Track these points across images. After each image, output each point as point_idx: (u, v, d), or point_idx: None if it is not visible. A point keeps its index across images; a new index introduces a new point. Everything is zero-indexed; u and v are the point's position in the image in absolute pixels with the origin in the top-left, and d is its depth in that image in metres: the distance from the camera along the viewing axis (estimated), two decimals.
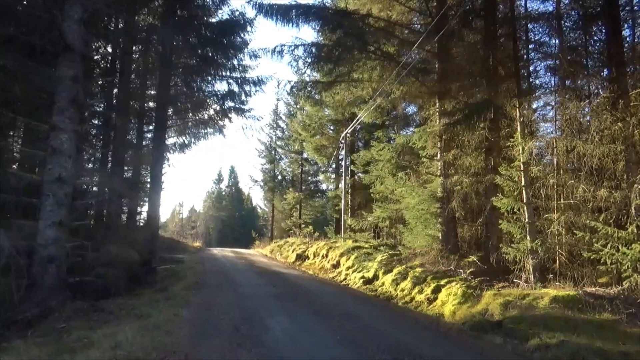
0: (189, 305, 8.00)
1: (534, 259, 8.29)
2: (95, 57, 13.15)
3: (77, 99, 7.41)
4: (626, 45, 10.66)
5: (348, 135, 21.96)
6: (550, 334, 5.50)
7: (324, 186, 32.29)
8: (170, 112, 15.31)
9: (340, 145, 23.90)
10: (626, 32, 11.10)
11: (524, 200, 8.69)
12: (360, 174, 22.88)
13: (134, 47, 13.85)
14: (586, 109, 9.33)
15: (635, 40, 11.60)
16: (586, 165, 8.39)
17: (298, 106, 29.23)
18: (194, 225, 60.75)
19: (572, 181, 8.51)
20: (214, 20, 14.49)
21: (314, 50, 12.85)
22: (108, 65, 14.17)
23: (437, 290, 8.77)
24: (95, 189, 12.67)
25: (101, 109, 13.55)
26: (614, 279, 7.34)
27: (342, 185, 22.73)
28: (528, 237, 8.44)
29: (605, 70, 11.01)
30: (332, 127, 26.15)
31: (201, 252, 24.97)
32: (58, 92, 7.30)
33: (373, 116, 17.21)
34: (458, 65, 11.75)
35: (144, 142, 16.56)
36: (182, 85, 15.08)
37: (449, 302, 8.10)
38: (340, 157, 25.66)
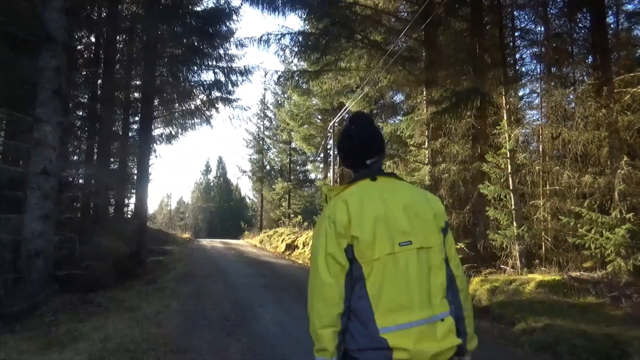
0: (178, 296, 7.99)
1: (520, 245, 8.41)
2: (79, 47, 12.91)
3: (60, 90, 7.27)
4: (610, 32, 10.77)
5: (336, 124, 21.92)
6: (536, 318, 5.60)
7: (312, 175, 32.31)
8: (156, 103, 15.11)
9: (329, 134, 23.87)
10: (610, 19, 11.22)
11: (511, 187, 8.79)
12: None
13: (118, 37, 13.62)
14: (571, 96, 9.44)
15: (619, 28, 11.73)
16: (571, 151, 8.51)
17: (286, 96, 29.07)
18: (183, 216, 60.39)
19: (557, 168, 8.63)
20: (199, 8, 14.28)
21: (300, 39, 12.78)
22: (92, 55, 13.91)
23: None
24: (81, 181, 12.52)
25: (86, 100, 13.32)
26: (598, 263, 7.48)
27: (330, 174, 22.75)
28: (514, 224, 8.55)
29: (589, 57, 11.10)
30: (320, 117, 26.06)
31: (190, 244, 24.92)
32: (41, 84, 7.15)
33: (361, 105, 17.17)
34: (445, 53, 11.77)
35: (130, 134, 16.35)
36: (167, 75, 14.87)
37: None
38: (329, 146, 25.67)
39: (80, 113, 13.59)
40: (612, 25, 11.35)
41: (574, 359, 4.59)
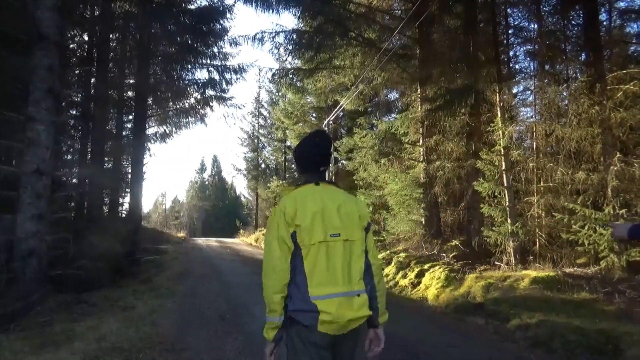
0: (173, 295, 7.98)
1: (514, 241, 8.45)
2: (72, 46, 12.82)
3: (53, 89, 7.23)
4: (603, 29, 10.78)
5: (331, 122, 21.90)
6: (530, 314, 5.63)
7: None
8: (150, 102, 15.05)
9: None
10: (603, 17, 11.23)
11: (505, 184, 8.82)
12: (343, 161, 22.84)
13: (111, 35, 13.52)
14: (564, 93, 9.47)
15: (612, 25, 11.75)
16: (564, 148, 8.54)
17: (280, 94, 28.93)
18: (178, 215, 60.28)
19: (551, 164, 8.66)
20: (192, 7, 14.23)
21: (294, 37, 12.73)
22: (85, 54, 13.81)
23: (420, 275, 8.89)
24: (75, 180, 12.47)
25: (79, 99, 13.24)
26: (592, 259, 7.52)
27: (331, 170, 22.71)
28: (509, 220, 8.58)
29: (582, 54, 11.11)
30: (314, 115, 25.96)
31: (185, 243, 24.87)
32: (33, 82, 7.10)
33: (355, 103, 17.15)
34: (439, 51, 11.77)
35: (124, 133, 16.30)
36: (161, 73, 14.82)
37: (432, 286, 8.23)
38: None
39: (74, 112, 13.53)
40: (604, 23, 11.35)
41: (568, 354, 4.62)
